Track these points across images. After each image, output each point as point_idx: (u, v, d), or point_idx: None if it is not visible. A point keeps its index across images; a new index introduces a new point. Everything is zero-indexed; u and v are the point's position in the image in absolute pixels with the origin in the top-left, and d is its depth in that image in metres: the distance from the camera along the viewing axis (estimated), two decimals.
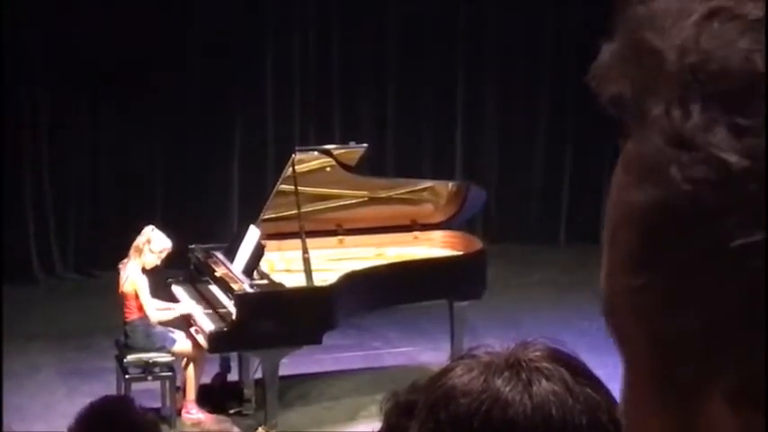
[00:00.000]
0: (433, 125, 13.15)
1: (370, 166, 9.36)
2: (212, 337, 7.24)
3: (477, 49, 13.15)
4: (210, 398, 7.92)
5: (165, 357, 7.59)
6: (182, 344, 7.63)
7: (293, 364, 7.95)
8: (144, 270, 7.55)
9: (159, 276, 8.00)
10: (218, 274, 7.74)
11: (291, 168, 7.82)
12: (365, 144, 8.44)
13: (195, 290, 8.04)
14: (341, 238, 8.57)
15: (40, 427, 7.58)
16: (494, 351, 1.30)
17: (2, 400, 7.55)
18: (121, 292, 7.60)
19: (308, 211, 8.03)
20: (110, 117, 11.83)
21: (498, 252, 10.47)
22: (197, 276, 8.14)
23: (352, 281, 7.54)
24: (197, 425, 7.70)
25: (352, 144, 8.50)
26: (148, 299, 7.54)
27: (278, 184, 8.01)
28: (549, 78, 13.18)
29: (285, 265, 8.10)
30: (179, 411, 7.65)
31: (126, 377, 7.54)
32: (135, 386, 7.49)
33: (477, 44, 13.13)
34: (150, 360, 7.56)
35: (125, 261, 7.63)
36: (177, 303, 7.89)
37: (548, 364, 1.25)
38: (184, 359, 7.70)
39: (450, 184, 8.87)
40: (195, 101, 12.00)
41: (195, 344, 7.57)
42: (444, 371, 1.30)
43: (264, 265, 7.80)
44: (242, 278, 7.43)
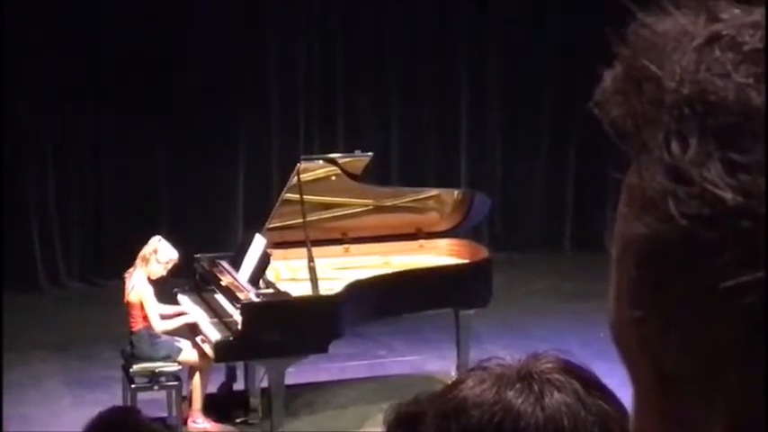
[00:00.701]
0: (438, 133, 13.15)
1: (374, 175, 9.36)
2: (218, 346, 7.24)
3: (481, 57, 13.16)
4: (216, 407, 7.92)
5: (171, 367, 7.59)
6: (188, 353, 7.62)
7: (299, 372, 7.95)
8: (149, 280, 7.56)
9: (165, 286, 8.00)
10: (223, 283, 7.74)
11: (297, 177, 7.83)
12: (370, 153, 8.45)
13: (201, 299, 8.04)
14: (346, 246, 8.57)
15: None
16: (505, 363, 1.30)
17: (1, 405, 7.54)
18: (127, 301, 7.60)
19: (313, 220, 8.03)
20: (115, 126, 11.83)
21: (503, 260, 10.47)
22: (203, 285, 8.13)
23: (358, 289, 7.53)
24: None
25: (358, 153, 8.51)
26: (153, 309, 7.54)
27: (283, 192, 8.01)
28: (554, 85, 13.17)
29: (291, 274, 8.10)
30: (185, 421, 7.65)
31: (132, 386, 7.54)
32: (141, 396, 7.49)
33: (481, 52, 13.14)
34: (156, 369, 7.56)
35: (131, 271, 7.63)
36: (181, 307, 7.89)
37: (559, 376, 1.25)
38: (190, 368, 7.70)
39: (456, 192, 8.86)
40: (199, 110, 12.00)
41: (201, 353, 7.56)
42: (456, 383, 1.30)
43: (270, 273, 7.80)
44: (248, 287, 7.43)
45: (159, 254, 7.55)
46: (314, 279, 7.50)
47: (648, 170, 0.58)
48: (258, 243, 7.67)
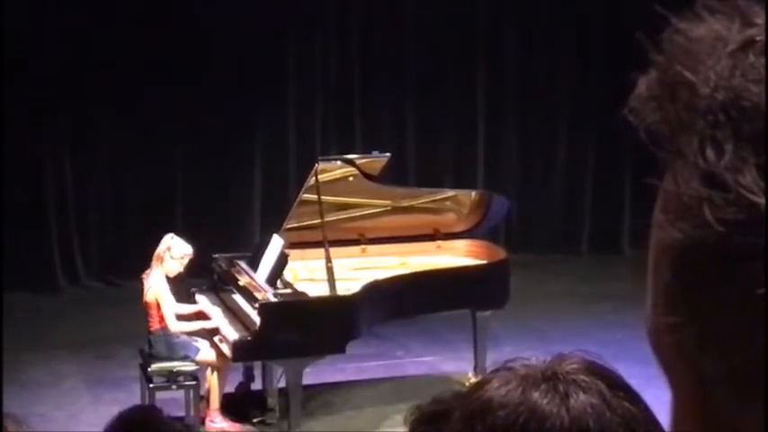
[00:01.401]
0: (455, 135, 13.14)
1: (391, 176, 9.36)
2: (236, 346, 7.26)
3: (498, 59, 13.15)
4: (234, 407, 7.93)
5: (189, 366, 7.61)
6: (205, 353, 7.64)
7: (316, 372, 7.96)
8: (168, 279, 7.58)
9: (183, 285, 8.02)
10: (241, 283, 7.76)
11: (314, 178, 7.84)
12: (388, 153, 8.45)
13: (219, 299, 8.06)
14: (364, 247, 8.58)
15: None
16: (530, 364, 1.30)
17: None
18: (144, 302, 7.62)
19: (331, 221, 8.04)
20: (132, 127, 11.86)
21: (520, 262, 10.47)
22: (220, 286, 8.15)
23: (376, 290, 7.54)
24: None
25: (375, 153, 8.52)
26: (169, 309, 7.55)
27: (301, 193, 8.03)
28: (571, 86, 13.16)
29: (308, 275, 8.11)
30: (203, 420, 7.67)
31: (150, 386, 7.56)
32: (159, 395, 7.50)
33: (498, 53, 13.13)
34: (174, 369, 7.58)
35: (148, 272, 7.65)
36: (199, 306, 7.90)
37: (585, 377, 1.26)
38: (208, 368, 7.72)
39: (473, 194, 8.86)
40: (216, 110, 12.03)
41: (219, 353, 7.58)
42: (480, 383, 1.30)
43: (288, 274, 7.82)
44: (265, 287, 7.45)
45: (173, 250, 7.57)
46: (331, 279, 7.51)
47: (683, 176, 0.58)
48: (276, 243, 7.69)
